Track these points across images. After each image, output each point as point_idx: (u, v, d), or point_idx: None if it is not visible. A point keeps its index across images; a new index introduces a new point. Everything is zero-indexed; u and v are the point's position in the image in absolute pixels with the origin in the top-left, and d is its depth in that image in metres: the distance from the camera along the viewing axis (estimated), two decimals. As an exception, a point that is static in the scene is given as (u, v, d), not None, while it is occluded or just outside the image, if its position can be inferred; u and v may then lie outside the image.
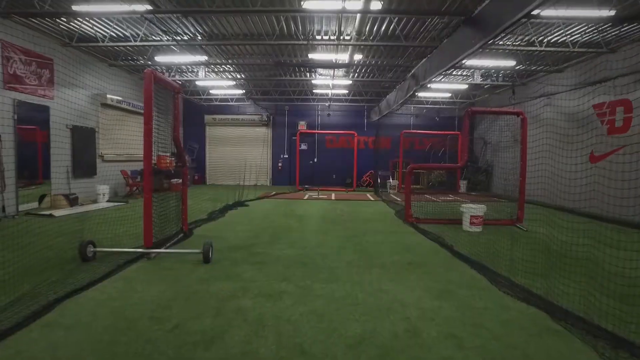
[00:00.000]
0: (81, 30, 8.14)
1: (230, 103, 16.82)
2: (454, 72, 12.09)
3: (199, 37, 8.74)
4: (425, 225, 7.58)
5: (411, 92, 8.92)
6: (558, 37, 8.14)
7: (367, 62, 10.64)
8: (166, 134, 6.07)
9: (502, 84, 11.79)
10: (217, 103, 16.78)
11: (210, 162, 17.87)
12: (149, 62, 10.75)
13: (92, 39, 8.53)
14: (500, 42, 8.59)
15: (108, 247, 5.11)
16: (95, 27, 7.92)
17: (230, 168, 17.46)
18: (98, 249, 4.77)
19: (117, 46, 8.68)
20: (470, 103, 15.54)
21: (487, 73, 11.75)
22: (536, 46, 8.12)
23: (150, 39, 8.83)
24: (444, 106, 16.52)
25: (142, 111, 5.60)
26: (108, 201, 10.56)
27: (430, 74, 7.30)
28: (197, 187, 16.13)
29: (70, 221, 7.35)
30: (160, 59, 10.20)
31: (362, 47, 9.68)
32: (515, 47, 8.22)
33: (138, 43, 8.26)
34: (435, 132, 15.71)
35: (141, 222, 5.49)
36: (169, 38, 8.22)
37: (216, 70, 12.32)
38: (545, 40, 8.28)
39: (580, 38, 8.02)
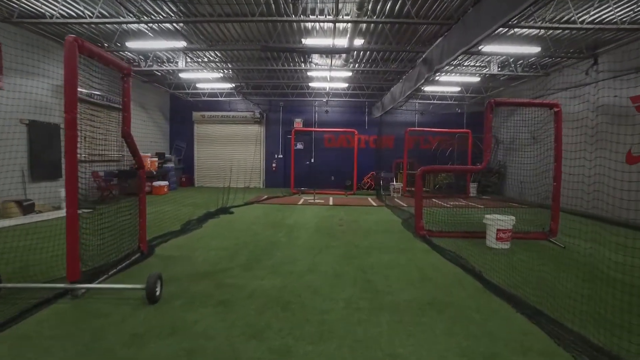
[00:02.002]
0: (23, 4, 6.78)
1: (220, 99, 15.51)
2: (466, 63, 10.83)
3: (172, 16, 7.43)
4: (439, 239, 6.29)
5: (422, 81, 7.59)
6: (599, 15, 6.84)
7: (370, 48, 9.33)
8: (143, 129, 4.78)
9: (521, 74, 10.49)
10: (206, 99, 15.46)
11: (199, 163, 16.57)
12: (122, 51, 9.46)
13: (39, 15, 7.16)
14: (524, 23, 7.31)
15: (20, 281, 3.80)
16: (40, 0, 6.59)
17: (220, 169, 16.19)
18: (2, 285, 3.48)
19: (70, 24, 7.35)
20: (481, 98, 14.24)
21: (504, 62, 10.47)
22: (575, 24, 6.79)
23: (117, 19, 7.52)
24: (452, 102, 15.22)
25: (118, 106, 4.51)
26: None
27: (449, 55, 5.99)
28: (183, 189, 14.83)
29: (10, 235, 6.04)
30: (132, 44, 8.89)
31: (363, 30, 8.39)
32: (549, 26, 6.89)
33: (95, 20, 6.94)
34: (443, 129, 14.38)
35: (101, 236, 4.33)
36: (132, 16, 6.89)
37: (199, 60, 11.02)
38: (582, 19, 6.97)
39: (630, 14, 6.68)
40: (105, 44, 9.32)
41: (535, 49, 8.63)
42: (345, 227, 7.56)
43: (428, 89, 13.27)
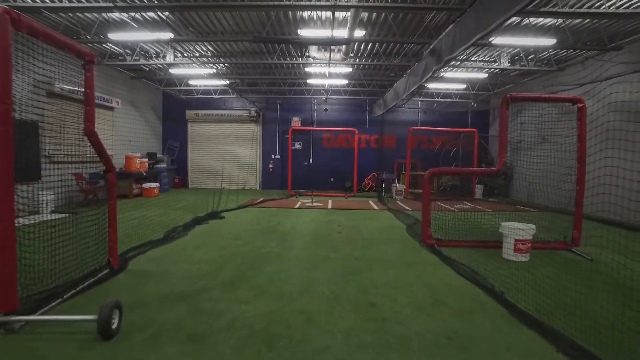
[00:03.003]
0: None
1: (214, 96, 14.85)
2: (473, 57, 10.17)
3: (155, 2, 6.76)
4: (449, 249, 5.63)
5: (430, 74, 6.93)
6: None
7: (371, 40, 8.67)
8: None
9: (533, 69, 9.82)
10: (199, 96, 14.80)
11: (193, 164, 15.90)
12: (104, 43, 8.80)
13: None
14: (543, 9, 6.66)
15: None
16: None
17: (215, 170, 15.54)
18: None
19: (42, 10, 6.61)
20: (488, 95, 13.59)
21: (515, 57, 9.80)
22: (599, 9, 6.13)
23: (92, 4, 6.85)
24: (457, 99, 14.55)
25: (104, 103, 3.96)
26: (53, 212, 8.58)
27: (462, 43, 5.33)
28: (176, 191, 14.16)
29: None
30: (114, 36, 8.23)
31: (364, 20, 7.74)
32: (571, 11, 6.23)
33: (66, 5, 6.27)
34: (448, 129, 13.70)
35: (57, 251, 3.84)
36: (110, 2, 6.24)
37: (189, 54, 10.35)
38: (610, 3, 6.30)
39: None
40: (87, 36, 8.67)
41: (550, 41, 7.97)
42: (344, 234, 6.90)
43: (432, 86, 12.61)
